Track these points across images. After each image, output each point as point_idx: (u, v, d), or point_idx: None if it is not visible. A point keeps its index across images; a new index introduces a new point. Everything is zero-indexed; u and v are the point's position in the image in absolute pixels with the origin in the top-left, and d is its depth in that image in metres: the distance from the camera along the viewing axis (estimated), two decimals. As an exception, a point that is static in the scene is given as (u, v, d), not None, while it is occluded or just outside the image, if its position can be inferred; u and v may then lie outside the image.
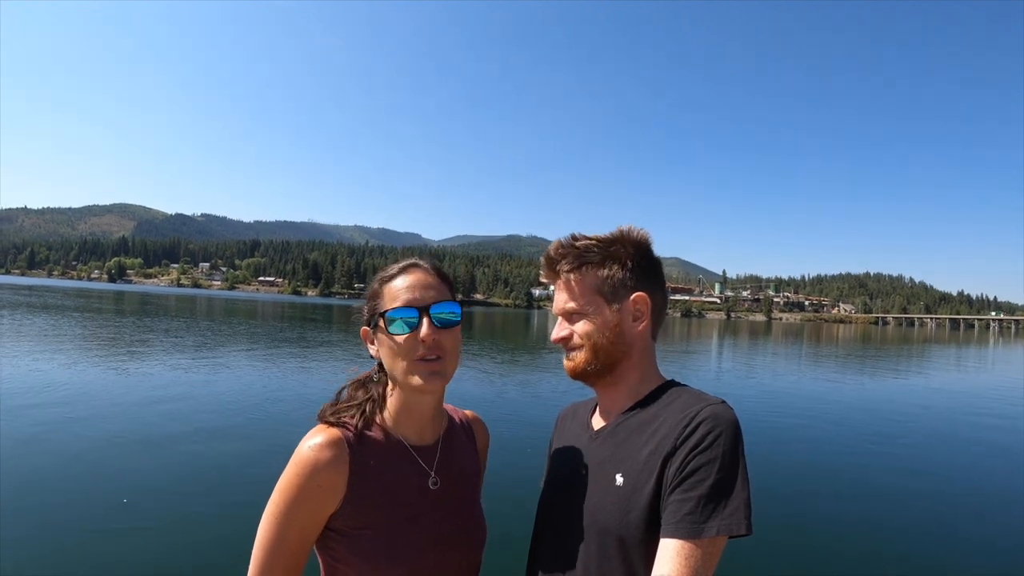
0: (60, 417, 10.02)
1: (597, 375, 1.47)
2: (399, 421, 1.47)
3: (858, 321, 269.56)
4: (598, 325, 1.45)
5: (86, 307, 47.96)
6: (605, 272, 1.46)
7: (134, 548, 5.47)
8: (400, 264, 1.50)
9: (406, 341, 1.39)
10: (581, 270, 1.46)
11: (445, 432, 1.56)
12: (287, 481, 1.32)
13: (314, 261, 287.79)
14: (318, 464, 1.32)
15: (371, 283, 1.51)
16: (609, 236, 1.48)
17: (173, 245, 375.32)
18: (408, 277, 1.44)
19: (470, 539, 1.50)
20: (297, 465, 1.33)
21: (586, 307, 1.46)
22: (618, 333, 1.46)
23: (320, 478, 1.32)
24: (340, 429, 1.40)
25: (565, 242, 1.49)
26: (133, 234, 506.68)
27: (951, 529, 7.13)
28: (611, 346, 1.46)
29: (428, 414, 1.50)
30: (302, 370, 18.15)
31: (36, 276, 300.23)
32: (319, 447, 1.34)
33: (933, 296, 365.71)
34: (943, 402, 18.46)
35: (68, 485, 6.92)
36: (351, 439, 1.39)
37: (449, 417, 1.62)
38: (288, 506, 1.32)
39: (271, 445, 9.00)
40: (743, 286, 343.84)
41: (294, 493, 1.31)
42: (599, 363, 1.46)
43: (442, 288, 1.47)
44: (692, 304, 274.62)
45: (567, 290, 1.48)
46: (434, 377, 1.39)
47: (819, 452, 10.74)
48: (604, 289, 1.46)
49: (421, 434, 1.50)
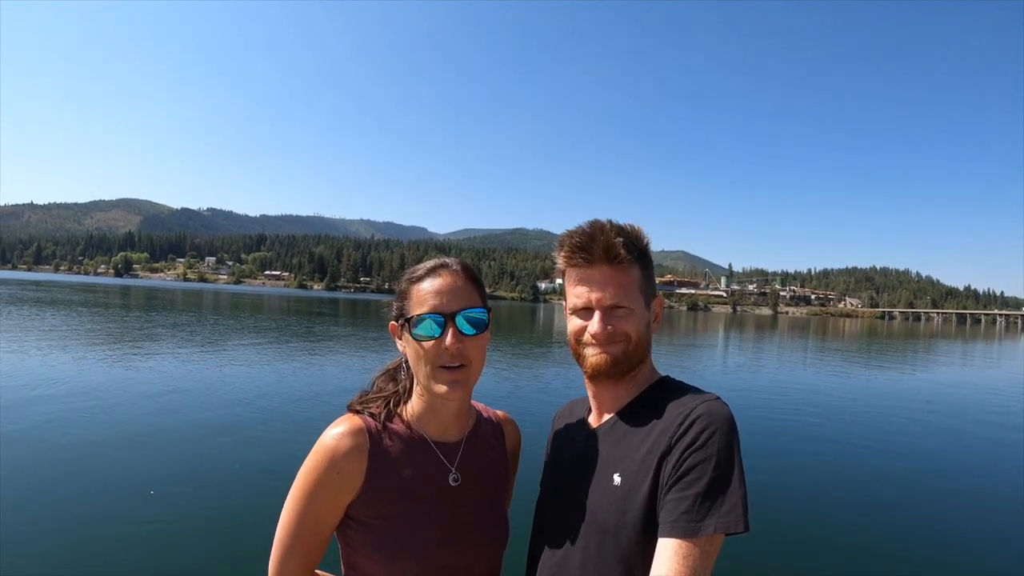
0: (69, 412, 10.11)
1: (623, 374, 1.45)
2: (423, 417, 1.48)
3: (864, 315, 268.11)
4: (641, 323, 1.45)
5: (93, 302, 48.25)
6: (646, 271, 1.47)
7: (150, 541, 5.53)
8: (429, 264, 1.47)
9: (431, 348, 1.39)
10: (625, 264, 1.43)
11: (471, 430, 1.56)
12: (308, 467, 1.36)
13: (320, 255, 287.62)
14: (338, 452, 1.35)
15: (400, 280, 1.49)
16: (636, 229, 1.46)
17: (179, 240, 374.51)
18: (436, 280, 1.42)
19: (488, 538, 1.50)
20: (318, 452, 1.36)
21: (633, 303, 1.43)
22: (648, 333, 1.47)
23: (340, 466, 1.35)
24: (363, 419, 1.41)
25: (613, 228, 1.44)
26: (139, 229, 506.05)
27: (953, 526, 7.14)
28: (646, 345, 1.46)
29: (452, 412, 1.50)
30: (311, 364, 18.23)
31: (43, 271, 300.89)
32: (340, 435, 1.37)
33: (940, 291, 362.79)
34: (948, 397, 18.40)
35: (75, 479, 6.99)
36: (373, 429, 1.40)
37: (478, 415, 1.62)
38: (308, 491, 1.35)
39: (282, 438, 9.11)
40: (749, 280, 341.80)
41: (314, 479, 1.35)
42: (633, 362, 1.45)
43: (471, 292, 1.45)
44: (698, 298, 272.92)
45: (613, 283, 1.42)
46: (456, 385, 1.40)
47: (821, 448, 10.73)
48: (645, 288, 1.46)
49: (444, 431, 1.50)
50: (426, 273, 1.45)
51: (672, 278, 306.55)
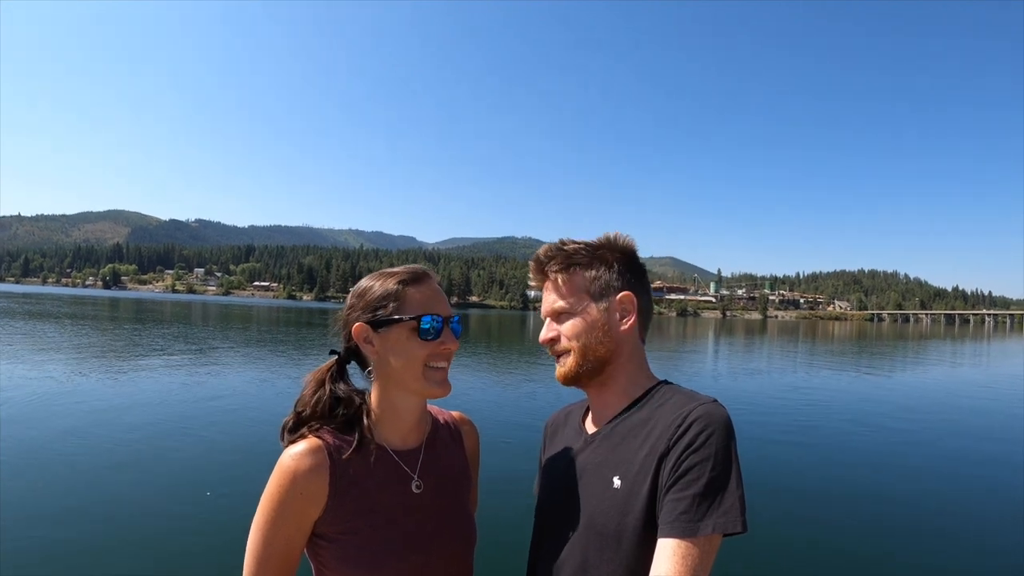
0: (57, 427, 10.03)
1: (588, 377, 1.47)
2: (382, 426, 1.49)
3: (853, 318, 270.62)
4: (587, 323, 1.46)
5: (83, 314, 47.94)
6: (592, 273, 1.48)
7: (128, 558, 5.47)
8: (411, 269, 1.50)
9: (431, 348, 1.42)
10: (569, 271, 1.48)
11: (429, 435, 1.57)
12: (271, 490, 1.35)
13: (309, 265, 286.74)
14: (298, 472, 1.34)
15: (382, 281, 1.47)
16: (597, 241, 1.51)
17: (168, 251, 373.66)
18: (432, 285, 1.47)
19: (456, 542, 1.50)
20: (279, 475, 1.35)
21: (574, 305, 1.47)
22: (605, 331, 1.47)
23: (301, 486, 1.34)
24: (320, 436, 1.41)
25: (553, 246, 1.51)
26: (127, 241, 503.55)
27: (953, 525, 7.12)
28: (599, 345, 1.46)
29: (413, 418, 1.51)
30: (301, 373, 18.01)
31: (30, 283, 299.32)
32: (299, 455, 1.36)
33: (928, 292, 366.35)
34: (938, 396, 18.51)
35: (63, 495, 6.93)
36: (331, 446, 1.40)
37: (433, 419, 1.63)
38: (273, 514, 1.34)
39: (267, 452, 8.99)
40: (738, 284, 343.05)
41: (277, 501, 1.34)
42: (589, 364, 1.46)
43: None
44: (688, 303, 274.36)
45: (555, 290, 1.49)
46: (445, 384, 1.45)
47: (816, 449, 10.76)
48: (591, 288, 1.48)
49: (404, 438, 1.51)
50: (416, 278, 1.47)
51: (661, 284, 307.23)
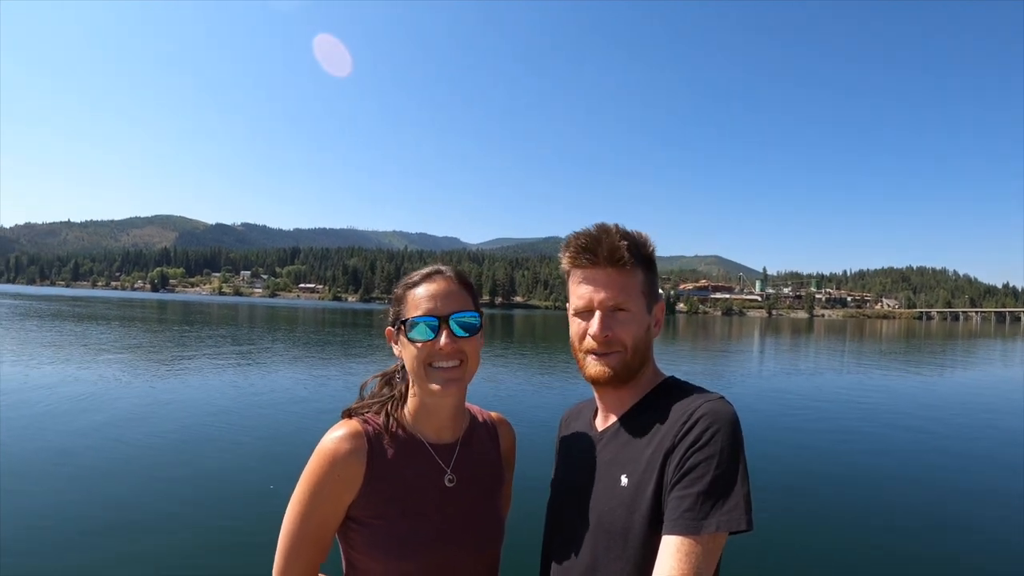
0: (103, 421, 10.56)
1: (626, 380, 1.46)
2: (418, 419, 1.53)
3: (902, 316, 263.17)
4: (641, 327, 1.45)
5: (132, 316, 49.83)
6: (643, 276, 1.47)
7: (173, 543, 5.79)
8: (424, 271, 1.54)
9: (426, 348, 1.45)
10: (628, 267, 1.43)
11: (466, 432, 1.61)
12: (309, 472, 1.41)
13: (354, 267, 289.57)
14: (337, 455, 1.40)
15: (396, 287, 1.57)
16: (642, 239, 1.48)
17: (214, 254, 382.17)
18: (431, 285, 1.49)
19: (484, 538, 1.53)
20: (318, 456, 1.41)
21: (633, 305, 1.44)
22: (648, 337, 1.48)
23: (339, 469, 1.40)
24: (360, 423, 1.47)
25: (612, 230, 1.45)
26: (175, 245, 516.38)
27: (967, 527, 7.02)
28: (646, 349, 1.47)
29: (447, 414, 1.55)
30: (349, 372, 18.47)
31: (80, 287, 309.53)
32: (339, 439, 1.42)
33: (978, 289, 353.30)
34: (980, 399, 18.08)
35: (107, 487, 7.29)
36: (370, 433, 1.46)
37: (472, 417, 1.66)
38: (309, 495, 1.40)
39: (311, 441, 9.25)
40: (784, 283, 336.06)
41: (315, 483, 1.40)
42: (634, 367, 1.45)
43: (463, 296, 1.51)
44: (733, 302, 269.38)
45: (616, 285, 1.43)
46: (450, 384, 1.46)
47: (843, 451, 10.66)
48: (645, 290, 1.46)
49: (440, 432, 1.55)
50: (421, 279, 1.52)
51: (706, 283, 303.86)
